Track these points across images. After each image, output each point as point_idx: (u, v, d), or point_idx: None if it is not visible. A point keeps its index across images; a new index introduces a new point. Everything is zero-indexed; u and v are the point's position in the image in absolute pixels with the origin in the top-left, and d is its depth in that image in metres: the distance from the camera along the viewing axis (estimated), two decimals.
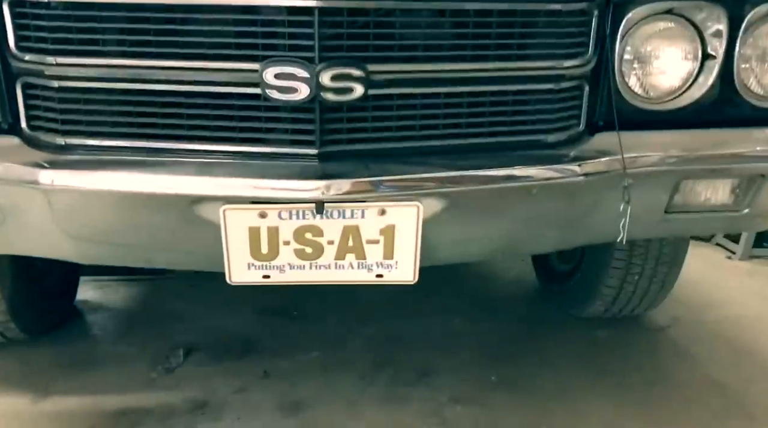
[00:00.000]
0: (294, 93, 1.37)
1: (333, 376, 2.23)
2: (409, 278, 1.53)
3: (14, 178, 1.42)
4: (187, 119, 1.45)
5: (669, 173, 1.65)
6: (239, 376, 2.23)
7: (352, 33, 1.38)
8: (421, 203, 1.45)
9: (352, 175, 1.39)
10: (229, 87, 1.41)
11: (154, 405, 2.06)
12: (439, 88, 1.48)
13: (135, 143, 1.46)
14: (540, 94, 1.57)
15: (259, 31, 1.37)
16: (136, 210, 1.45)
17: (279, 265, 1.49)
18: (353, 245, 1.48)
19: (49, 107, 1.47)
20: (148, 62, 1.40)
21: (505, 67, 1.51)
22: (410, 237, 1.47)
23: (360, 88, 1.38)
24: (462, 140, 1.54)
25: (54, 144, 1.48)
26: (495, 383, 2.22)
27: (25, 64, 1.44)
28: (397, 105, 1.48)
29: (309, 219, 1.44)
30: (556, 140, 1.61)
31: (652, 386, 2.23)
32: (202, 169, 1.41)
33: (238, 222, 1.43)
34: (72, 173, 1.41)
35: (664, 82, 1.64)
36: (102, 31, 1.40)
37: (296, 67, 1.35)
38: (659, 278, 2.41)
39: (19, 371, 2.24)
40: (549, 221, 1.63)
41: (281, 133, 1.45)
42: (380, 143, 1.49)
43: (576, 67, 1.57)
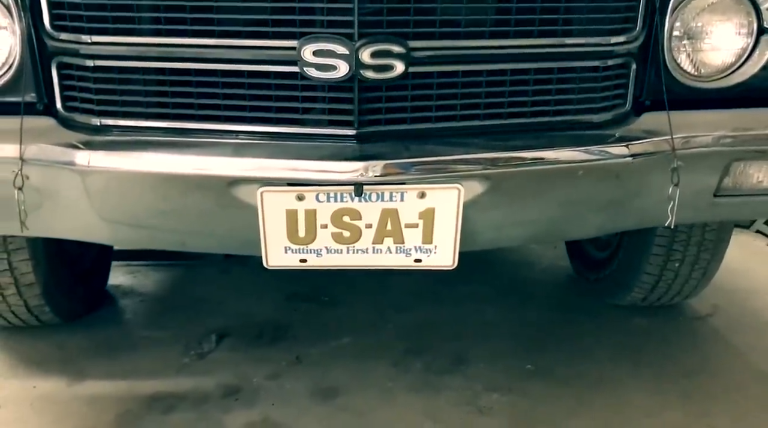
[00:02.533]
0: (332, 71, 1.33)
1: (366, 363, 2.20)
2: (449, 263, 1.49)
3: (50, 159, 1.41)
4: (223, 99, 1.42)
5: (720, 154, 1.58)
6: (272, 362, 2.21)
7: (392, 8, 1.34)
8: (462, 186, 1.41)
9: (392, 156, 1.36)
10: (265, 65, 1.38)
11: (187, 390, 2.05)
12: (481, 66, 1.43)
13: (171, 123, 1.44)
14: (585, 73, 1.51)
15: (296, 7, 1.34)
16: (172, 192, 1.43)
17: (316, 249, 1.46)
18: (392, 229, 1.44)
19: (84, 87, 1.45)
20: (183, 40, 1.38)
21: (549, 43, 1.46)
22: (450, 221, 1.43)
23: (400, 65, 1.34)
24: (504, 120, 1.49)
25: (90, 125, 1.46)
26: (531, 371, 2.18)
27: (61, 43, 1.42)
28: (438, 83, 1.43)
29: (347, 202, 1.41)
30: (601, 119, 1.55)
31: (693, 376, 2.17)
32: (239, 150, 1.38)
33: (276, 205, 1.40)
34: (108, 154, 1.39)
35: (715, 59, 1.57)
36: (137, 9, 1.37)
37: (335, 44, 1.31)
38: (701, 265, 2.34)
39: (54, 355, 2.25)
40: (594, 204, 1.58)
41: (319, 112, 1.42)
42: (420, 124, 1.44)
43: (623, 44, 1.52)
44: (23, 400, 2.00)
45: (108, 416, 1.92)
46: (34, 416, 1.93)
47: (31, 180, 1.43)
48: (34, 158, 1.41)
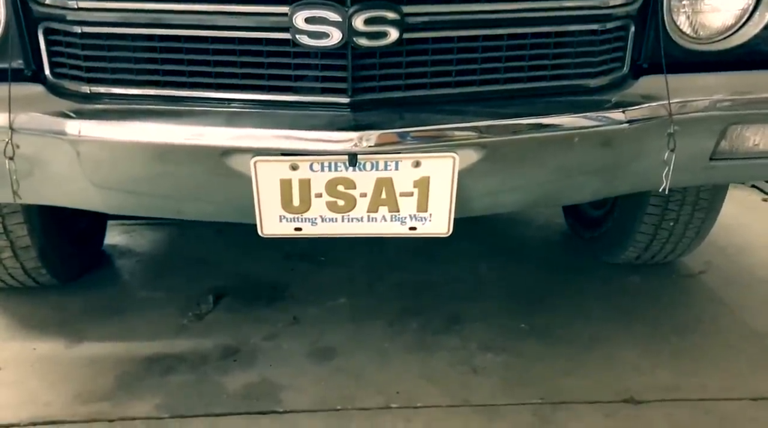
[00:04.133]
0: (325, 39, 1.30)
1: (362, 323, 2.23)
2: (444, 230, 1.49)
3: (41, 128, 1.39)
4: (213, 67, 1.39)
5: (717, 118, 1.57)
6: (269, 323, 2.24)
7: None
8: (457, 154, 1.40)
9: (386, 125, 1.34)
10: (257, 32, 1.35)
11: (185, 351, 2.08)
12: (477, 31, 1.40)
13: (161, 91, 1.42)
14: (583, 36, 1.49)
15: None
16: (165, 161, 1.42)
17: (311, 217, 1.46)
18: (386, 197, 1.44)
19: (72, 53, 1.42)
20: (172, 6, 1.35)
21: (546, 6, 1.43)
22: (445, 189, 1.43)
23: (394, 32, 1.31)
24: (500, 86, 1.47)
25: (79, 93, 1.44)
26: (525, 330, 2.21)
27: (47, 8, 1.39)
28: (433, 49, 1.40)
29: (341, 171, 1.40)
30: (598, 84, 1.54)
31: (685, 334, 2.20)
32: (231, 119, 1.37)
33: (269, 174, 1.39)
34: (99, 124, 1.37)
35: (715, 21, 1.54)
36: None
37: (328, 11, 1.28)
38: (695, 224, 2.35)
39: (53, 317, 2.27)
40: (590, 169, 1.57)
41: (311, 80, 1.39)
42: (414, 91, 1.42)
43: (622, 6, 1.49)
44: (23, 362, 2.03)
45: (107, 377, 1.95)
46: (34, 377, 1.96)
47: (22, 149, 1.41)
48: (24, 127, 1.39)
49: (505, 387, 1.93)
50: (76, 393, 1.88)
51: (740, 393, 1.92)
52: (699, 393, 1.92)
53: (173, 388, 1.91)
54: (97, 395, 1.88)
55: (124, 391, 1.89)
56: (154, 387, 1.91)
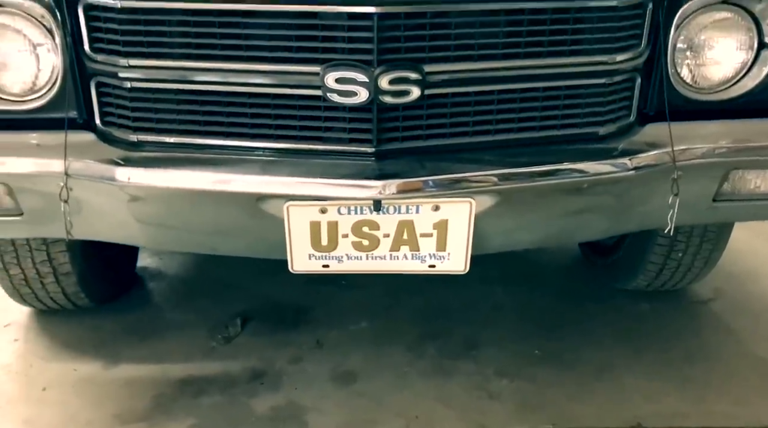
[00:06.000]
0: (353, 97, 1.43)
1: (382, 347, 2.34)
2: (461, 268, 1.61)
3: (92, 174, 1.52)
4: (250, 118, 1.52)
5: (719, 164, 1.67)
6: (294, 346, 2.35)
7: (409, 36, 1.43)
8: (474, 199, 1.51)
9: (408, 174, 1.46)
10: (290, 89, 1.47)
11: (215, 374, 2.20)
12: (493, 86, 1.52)
13: (203, 140, 1.55)
14: (592, 88, 1.60)
15: (319, 35, 1.43)
16: (205, 205, 1.54)
17: (338, 256, 1.58)
18: (408, 238, 1.56)
19: (121, 104, 1.56)
20: (213, 65, 1.48)
21: (558, 63, 1.54)
22: (462, 231, 1.54)
23: (416, 90, 1.44)
24: (514, 134, 1.58)
25: (126, 140, 1.57)
26: (538, 356, 2.30)
27: (99, 65, 1.53)
28: (452, 103, 1.52)
29: (366, 214, 1.52)
30: (606, 132, 1.64)
31: (694, 362, 2.28)
32: (266, 168, 1.49)
33: (301, 217, 1.51)
34: (146, 171, 1.50)
35: (717, 73, 1.65)
36: (170, 35, 1.47)
37: (356, 72, 1.41)
38: (703, 255, 2.43)
39: (90, 338, 2.40)
40: (598, 212, 1.68)
41: (340, 131, 1.51)
42: (435, 140, 1.54)
43: (629, 61, 1.60)
44: (65, 382, 2.16)
45: (144, 399, 2.08)
46: (76, 398, 2.09)
47: (75, 192, 1.55)
48: (77, 172, 1.52)
49: (518, 412, 2.03)
50: (115, 414, 2.01)
51: (746, 420, 2.00)
52: (705, 420, 2.00)
53: (205, 410, 2.03)
54: (135, 415, 2.00)
55: (160, 412, 2.01)
56: (187, 408, 2.03)
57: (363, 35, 1.40)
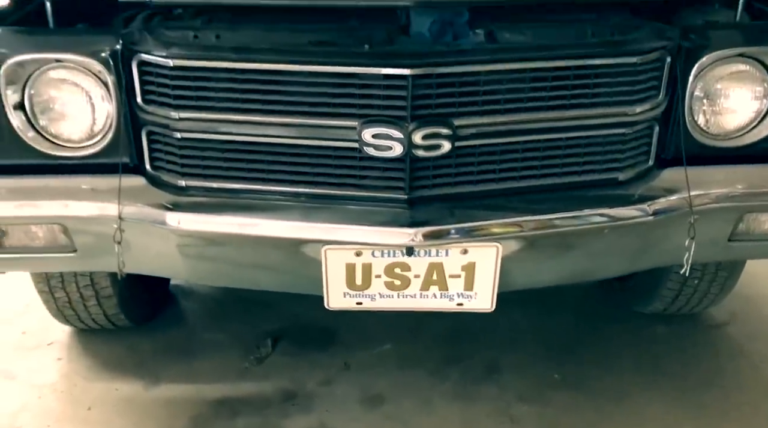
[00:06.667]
0: (388, 151, 1.53)
1: (407, 370, 2.43)
2: (487, 306, 1.71)
3: (143, 218, 1.63)
4: (291, 166, 1.63)
5: (734, 208, 1.75)
6: (323, 367, 2.45)
7: (440, 93, 1.53)
8: (500, 244, 1.61)
9: (439, 222, 1.56)
10: (329, 141, 1.58)
11: (250, 395, 2.31)
12: (518, 137, 1.62)
13: (246, 185, 1.65)
14: (613, 137, 1.69)
15: (357, 93, 1.53)
16: (248, 247, 1.65)
17: (371, 294, 1.68)
18: (437, 278, 1.65)
19: (170, 152, 1.67)
20: (257, 118, 1.58)
21: (580, 115, 1.63)
22: (489, 273, 1.64)
23: (447, 144, 1.54)
24: (537, 180, 1.68)
25: (175, 185, 1.68)
26: (558, 381, 2.39)
27: (150, 115, 1.64)
28: (479, 152, 1.62)
29: (399, 257, 1.62)
30: (626, 177, 1.73)
31: (710, 387, 2.36)
32: (306, 214, 1.60)
33: (337, 259, 1.62)
34: (195, 217, 1.61)
35: (732, 121, 1.73)
36: (217, 91, 1.58)
37: (391, 129, 1.51)
38: (719, 282, 2.50)
39: (129, 358, 2.52)
40: (617, 253, 1.77)
41: (374, 179, 1.62)
42: (463, 187, 1.64)
43: (648, 111, 1.68)
44: (108, 402, 2.28)
45: (182, 419, 2.19)
46: (118, 417, 2.21)
47: (127, 233, 1.66)
48: (130, 216, 1.64)
49: None
50: None
51: None
52: None
53: None
54: None
55: None
56: None
57: (398, 94, 1.51)
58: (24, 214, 1.67)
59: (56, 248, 1.75)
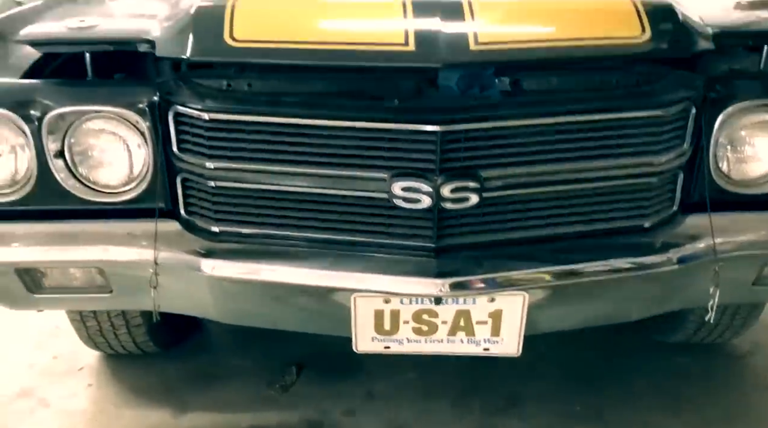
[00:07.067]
0: (417, 203, 1.57)
1: (430, 401, 2.46)
2: (513, 351, 1.74)
3: (180, 264, 1.68)
4: (320, 213, 1.67)
5: (759, 254, 1.76)
6: (347, 397, 2.49)
7: (469, 147, 1.56)
8: (527, 293, 1.64)
9: (466, 273, 1.59)
10: (358, 192, 1.62)
11: (276, 424, 2.35)
12: (544, 188, 1.65)
13: (278, 231, 1.70)
14: (638, 186, 1.71)
15: (386, 147, 1.57)
16: (280, 293, 1.70)
17: (398, 339, 1.72)
18: (464, 325, 1.69)
19: (204, 198, 1.72)
20: (289, 169, 1.63)
21: (605, 165, 1.66)
22: (516, 319, 1.67)
23: (475, 197, 1.57)
24: (563, 228, 1.70)
25: (208, 230, 1.72)
26: (579, 413, 2.40)
27: (185, 163, 1.69)
28: (506, 202, 1.65)
29: (426, 304, 1.66)
30: (650, 223, 1.75)
31: (733, 421, 2.36)
32: (336, 262, 1.64)
33: (366, 306, 1.66)
34: (228, 264, 1.66)
35: (757, 169, 1.75)
36: (251, 142, 1.62)
37: (420, 183, 1.55)
38: (741, 315, 2.51)
39: (158, 384, 2.57)
40: (641, 298, 1.79)
41: (402, 228, 1.65)
42: (489, 235, 1.67)
43: (672, 160, 1.70)
44: None
45: None
46: None
47: (162, 277, 1.71)
48: (165, 261, 1.69)
49: None
50: None
51: None
52: None
53: None
54: None
55: None
56: None
57: (427, 148, 1.54)
58: (63, 258, 1.72)
59: (93, 289, 1.81)
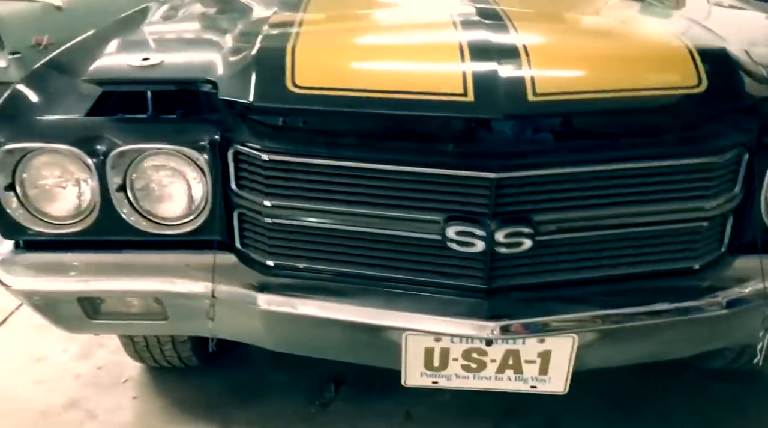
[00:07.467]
0: (470, 247, 1.60)
1: (468, 424, 2.49)
2: (560, 389, 1.76)
3: (237, 299, 1.73)
4: (373, 251, 1.71)
5: None
6: (386, 416, 2.53)
7: (523, 192, 1.58)
8: (577, 335, 1.66)
9: (517, 316, 1.62)
10: (413, 233, 1.65)
11: None
12: (597, 232, 1.66)
13: (331, 267, 1.74)
14: (687, 229, 1.72)
15: (441, 190, 1.60)
16: (334, 328, 1.73)
17: (447, 375, 1.75)
18: (513, 363, 1.72)
19: (259, 233, 1.76)
20: (345, 208, 1.66)
21: (656, 210, 1.67)
22: (564, 360, 1.69)
23: (528, 242, 1.59)
24: (613, 270, 1.72)
25: (263, 264, 1.77)
26: None
27: (243, 199, 1.73)
28: (558, 244, 1.67)
29: (476, 344, 1.69)
30: (700, 265, 1.76)
31: None
32: (388, 301, 1.67)
33: (417, 344, 1.69)
34: (283, 299, 1.71)
35: None
36: (307, 182, 1.66)
37: (474, 228, 1.57)
38: None
39: (200, 398, 2.63)
40: (689, 339, 1.80)
41: (454, 268, 1.68)
42: (540, 276, 1.70)
43: (723, 204, 1.71)
44: None
45: None
46: None
47: (218, 308, 1.76)
48: (222, 294, 1.74)
49: None
50: None
51: None
52: None
53: None
54: None
55: None
56: None
57: (482, 192, 1.57)
58: (123, 288, 1.78)
59: (149, 316, 1.87)
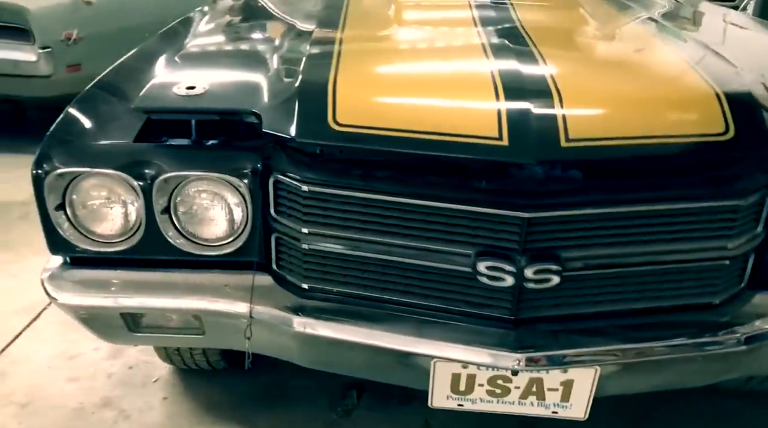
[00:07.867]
0: (500, 281, 1.66)
1: None
2: (581, 415, 1.83)
3: (273, 320, 1.81)
4: (405, 279, 1.78)
5: None
6: (405, 425, 2.61)
7: (553, 229, 1.65)
8: (599, 366, 1.73)
9: (543, 348, 1.69)
10: (445, 265, 1.72)
11: None
12: (622, 269, 1.73)
13: (364, 292, 1.82)
14: (710, 266, 1.77)
15: (473, 226, 1.66)
16: (364, 351, 1.81)
17: (472, 398, 1.82)
18: (536, 390, 1.79)
19: (295, 257, 1.84)
20: (379, 239, 1.73)
21: (680, 248, 1.73)
22: (586, 388, 1.76)
23: (556, 278, 1.66)
24: (635, 303, 1.79)
25: (298, 286, 1.85)
26: None
27: (281, 225, 1.81)
28: (583, 279, 1.74)
29: (502, 372, 1.76)
30: (720, 300, 1.82)
31: None
32: (418, 329, 1.75)
33: (444, 370, 1.77)
34: (318, 323, 1.78)
35: None
36: (344, 213, 1.73)
37: (505, 263, 1.64)
38: None
39: (226, 401, 2.72)
40: (707, 371, 1.86)
41: (483, 299, 1.75)
42: (565, 309, 1.76)
43: (745, 244, 1.76)
44: None
45: None
46: None
47: (254, 327, 1.84)
48: (259, 315, 1.82)
49: None
50: None
51: None
52: None
53: None
54: None
55: None
56: None
57: (512, 230, 1.63)
58: (165, 306, 1.86)
59: (187, 330, 1.96)
